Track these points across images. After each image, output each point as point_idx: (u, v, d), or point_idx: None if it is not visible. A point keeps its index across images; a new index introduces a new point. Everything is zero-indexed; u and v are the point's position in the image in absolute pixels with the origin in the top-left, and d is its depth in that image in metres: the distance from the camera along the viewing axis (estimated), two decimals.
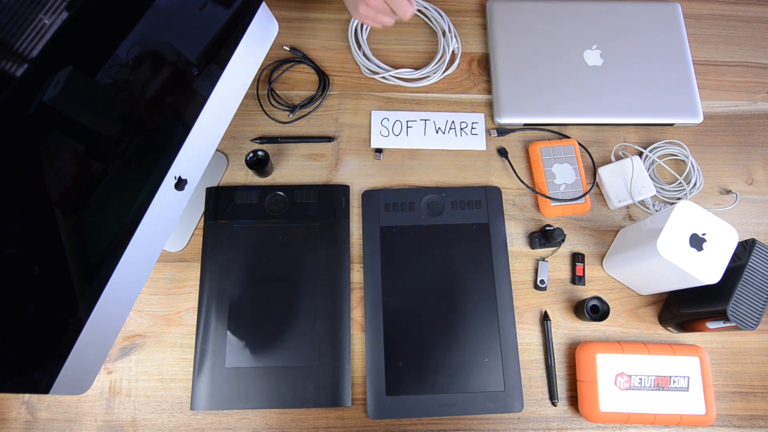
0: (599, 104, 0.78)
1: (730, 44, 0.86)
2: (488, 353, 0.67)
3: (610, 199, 0.74)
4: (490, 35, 0.82)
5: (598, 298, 0.68)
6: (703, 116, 0.78)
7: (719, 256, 0.59)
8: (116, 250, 0.55)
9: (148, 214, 0.57)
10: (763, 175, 0.78)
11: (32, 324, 0.48)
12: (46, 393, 0.50)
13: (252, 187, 0.74)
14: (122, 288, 0.55)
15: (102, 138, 0.52)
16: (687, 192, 0.74)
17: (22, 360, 0.48)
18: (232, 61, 0.64)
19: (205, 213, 0.72)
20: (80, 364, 0.52)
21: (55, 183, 0.48)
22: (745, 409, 0.68)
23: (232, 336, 0.67)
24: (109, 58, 0.51)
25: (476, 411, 0.65)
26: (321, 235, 0.72)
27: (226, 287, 0.69)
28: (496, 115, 0.78)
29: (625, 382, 0.65)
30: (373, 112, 0.79)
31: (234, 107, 0.67)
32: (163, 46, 0.56)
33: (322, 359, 0.67)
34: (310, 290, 0.69)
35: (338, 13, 0.85)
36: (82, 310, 0.52)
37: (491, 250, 0.71)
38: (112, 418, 0.65)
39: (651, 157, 0.76)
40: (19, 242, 0.46)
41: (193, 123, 0.61)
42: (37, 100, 0.45)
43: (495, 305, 0.69)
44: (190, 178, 0.62)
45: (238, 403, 0.65)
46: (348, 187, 0.75)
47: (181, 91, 0.59)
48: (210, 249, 0.70)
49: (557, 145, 0.75)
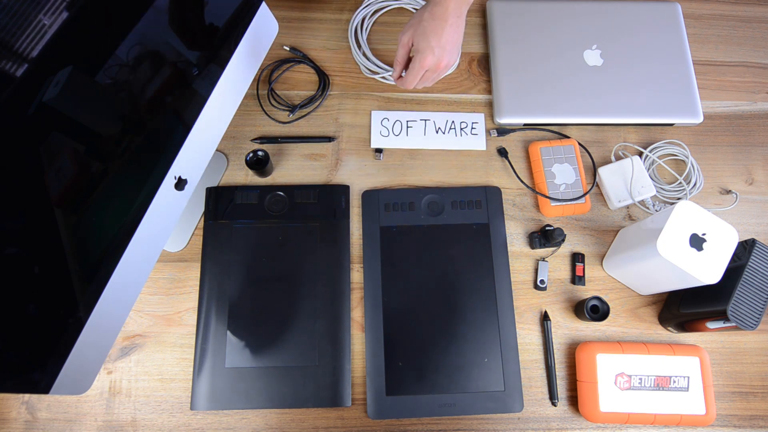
0: (599, 104, 0.78)
1: (730, 44, 0.86)
2: (488, 353, 0.67)
3: (610, 199, 0.74)
4: (490, 35, 0.82)
5: (599, 298, 0.68)
6: (703, 116, 0.78)
7: (719, 256, 0.59)
8: (116, 250, 0.55)
9: (148, 214, 0.57)
10: (763, 175, 0.78)
11: (32, 324, 0.48)
12: (46, 393, 0.50)
13: (252, 187, 0.74)
14: (122, 288, 0.55)
15: (102, 138, 0.52)
16: (687, 192, 0.74)
17: (22, 360, 0.48)
18: (232, 61, 0.64)
19: (205, 213, 0.72)
20: (80, 364, 0.52)
21: (55, 183, 0.48)
22: (745, 409, 0.68)
23: (232, 336, 0.67)
24: (109, 58, 0.51)
25: (476, 411, 0.65)
26: (321, 235, 0.72)
27: (226, 287, 0.69)
28: (496, 115, 0.78)
29: (625, 382, 0.65)
30: (373, 112, 0.79)
31: (234, 107, 0.67)
32: (163, 46, 0.56)
33: (322, 359, 0.67)
34: (310, 290, 0.69)
35: (338, 13, 0.85)
36: (82, 310, 0.52)
37: (491, 250, 0.71)
38: (112, 418, 0.65)
39: (651, 157, 0.76)
40: (19, 242, 0.46)
41: (193, 123, 0.61)
42: (37, 100, 0.45)
43: (495, 305, 0.69)
44: (190, 178, 0.62)
45: (238, 403, 0.65)
46: (348, 187, 0.75)
47: (181, 91, 0.59)
48: (210, 249, 0.70)
49: (557, 145, 0.75)
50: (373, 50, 0.83)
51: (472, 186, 0.76)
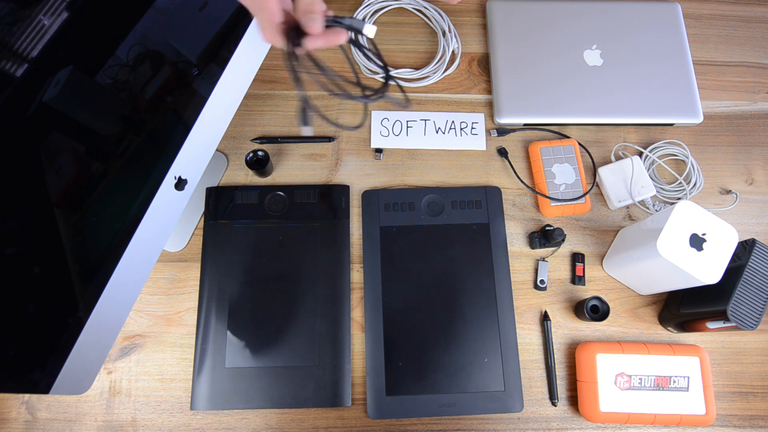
0: (599, 104, 0.77)
1: (730, 44, 0.86)
2: (488, 353, 0.67)
3: (610, 199, 0.74)
4: (490, 35, 0.82)
5: (599, 298, 0.68)
6: (703, 116, 0.78)
7: (719, 256, 0.59)
8: (116, 249, 0.55)
9: (148, 214, 0.57)
10: (763, 175, 0.78)
11: (32, 324, 0.48)
12: (46, 393, 0.50)
13: (252, 187, 0.74)
14: (122, 287, 0.55)
15: (102, 138, 0.52)
16: (687, 192, 0.74)
17: (22, 360, 0.48)
18: (232, 61, 0.64)
19: (205, 213, 0.72)
20: (80, 364, 0.52)
21: (55, 183, 0.48)
22: (745, 409, 0.68)
23: (232, 336, 0.67)
24: (109, 58, 0.51)
25: (476, 411, 0.65)
26: (321, 235, 0.72)
27: (226, 287, 0.69)
28: (496, 115, 0.78)
29: (625, 382, 0.65)
30: (373, 111, 0.79)
31: (234, 107, 0.67)
32: (163, 46, 0.56)
33: (322, 359, 0.67)
34: (310, 290, 0.69)
35: (339, 12, 0.85)
36: (82, 309, 0.52)
37: (491, 250, 0.71)
38: (112, 418, 0.65)
39: (651, 157, 0.76)
40: (19, 242, 0.46)
41: (193, 123, 0.61)
42: (37, 101, 0.45)
43: (495, 305, 0.69)
44: (190, 178, 0.62)
45: (238, 403, 0.65)
46: (348, 187, 0.75)
47: (181, 91, 0.59)
48: (210, 249, 0.70)
49: (557, 145, 0.75)
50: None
51: (472, 186, 0.76)
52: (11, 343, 0.47)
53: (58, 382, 0.51)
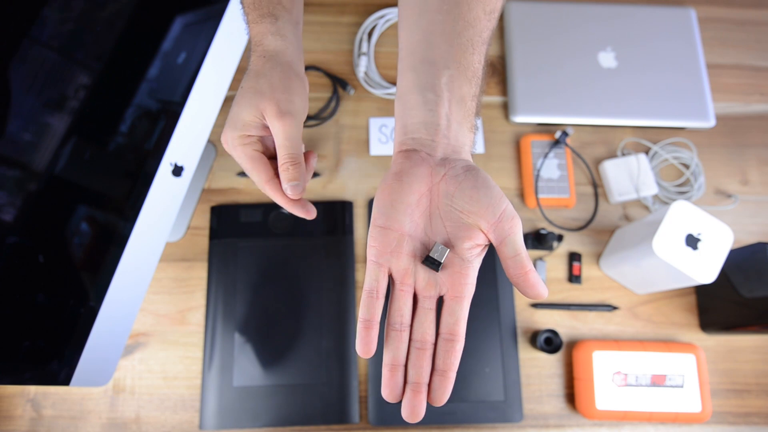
0: (612, 106, 0.79)
1: (724, 46, 0.87)
2: (489, 363, 0.68)
3: (611, 193, 0.75)
4: (507, 36, 0.84)
5: (553, 331, 0.68)
6: (715, 120, 0.79)
7: (714, 256, 0.60)
8: (121, 236, 0.55)
9: (149, 199, 0.58)
10: (757, 176, 0.79)
11: (46, 315, 0.49)
12: (67, 384, 0.50)
13: (256, 205, 0.74)
14: (131, 273, 0.56)
15: (94, 125, 0.52)
16: (693, 193, 0.76)
17: (39, 351, 0.49)
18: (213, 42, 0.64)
19: (210, 231, 0.72)
20: (98, 353, 0.53)
21: (56, 173, 0.49)
22: (740, 406, 0.69)
23: (239, 355, 0.67)
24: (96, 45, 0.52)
25: (476, 420, 0.66)
26: (325, 251, 0.72)
27: (232, 306, 0.69)
28: (511, 114, 0.79)
29: (621, 379, 0.65)
30: (371, 119, 0.80)
31: (221, 98, 0.65)
32: (149, 32, 0.57)
33: (330, 376, 0.67)
34: (316, 307, 0.69)
35: (338, 16, 0.86)
36: (93, 298, 0.52)
37: (494, 257, 0.72)
38: (116, 415, 0.65)
39: (662, 154, 0.78)
40: (20, 232, 0.47)
41: (181, 110, 0.61)
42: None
43: (498, 314, 0.70)
44: (186, 164, 0.62)
45: (246, 422, 0.65)
46: (351, 203, 0.75)
47: (167, 75, 0.59)
48: (215, 268, 0.71)
49: (548, 139, 0.77)
50: (378, 53, 0.84)
51: None
52: (27, 333, 0.47)
53: (78, 373, 0.51)
